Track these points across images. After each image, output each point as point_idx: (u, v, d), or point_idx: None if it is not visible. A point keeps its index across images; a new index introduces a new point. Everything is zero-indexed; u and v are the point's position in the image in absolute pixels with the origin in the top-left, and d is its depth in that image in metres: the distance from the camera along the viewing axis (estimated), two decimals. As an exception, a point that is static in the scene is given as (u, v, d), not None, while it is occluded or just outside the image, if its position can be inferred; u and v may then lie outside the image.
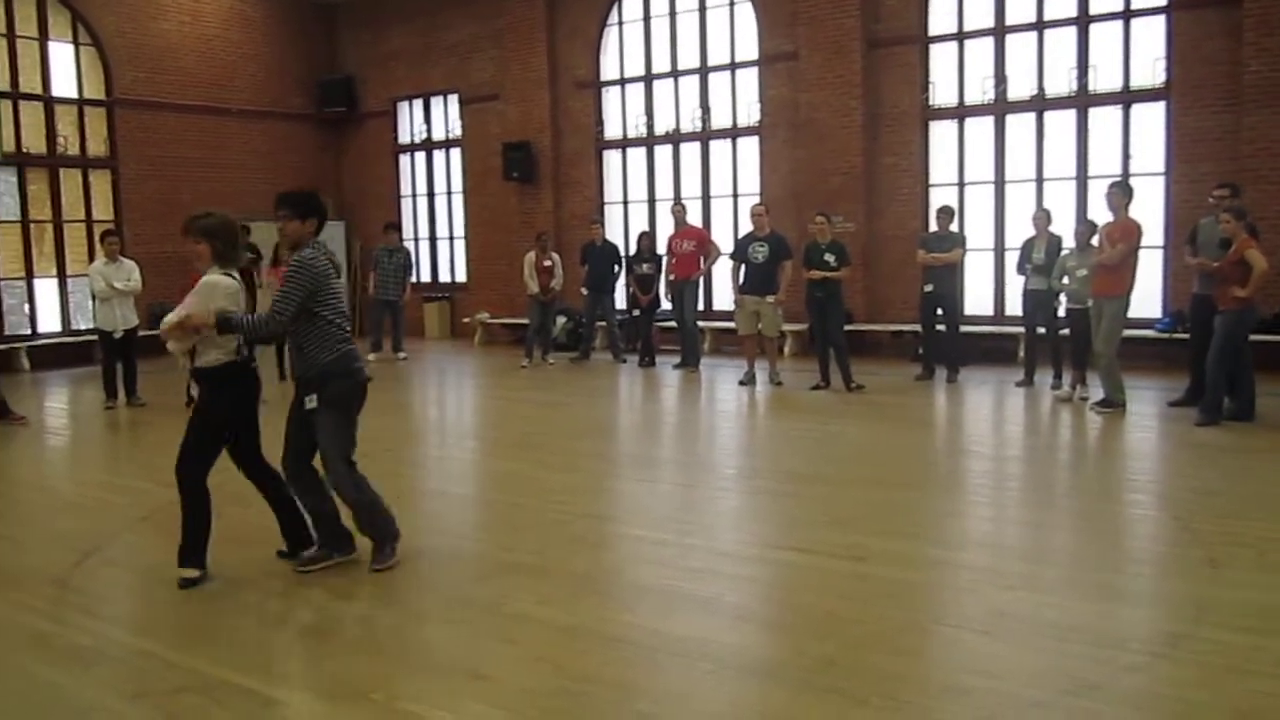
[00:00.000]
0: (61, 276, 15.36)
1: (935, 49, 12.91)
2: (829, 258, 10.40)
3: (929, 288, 10.73)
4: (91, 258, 13.83)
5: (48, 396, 12.21)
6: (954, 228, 10.95)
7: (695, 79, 14.77)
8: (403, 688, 3.72)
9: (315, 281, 4.80)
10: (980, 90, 12.64)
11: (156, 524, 5.96)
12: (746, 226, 11.95)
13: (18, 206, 14.99)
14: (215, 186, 16.62)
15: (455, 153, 17.54)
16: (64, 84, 15.41)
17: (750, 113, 14.25)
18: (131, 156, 15.91)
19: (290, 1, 17.89)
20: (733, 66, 14.39)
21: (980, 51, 12.65)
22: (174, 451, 4.83)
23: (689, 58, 14.79)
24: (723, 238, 13.33)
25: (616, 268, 13.49)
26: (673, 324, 12.89)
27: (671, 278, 12.46)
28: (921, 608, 4.51)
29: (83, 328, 14.91)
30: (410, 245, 18.00)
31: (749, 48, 14.18)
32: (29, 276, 15.10)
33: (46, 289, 15.34)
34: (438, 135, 17.81)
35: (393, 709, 3.56)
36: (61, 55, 15.38)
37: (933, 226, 11.39)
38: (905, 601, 4.53)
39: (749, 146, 14.35)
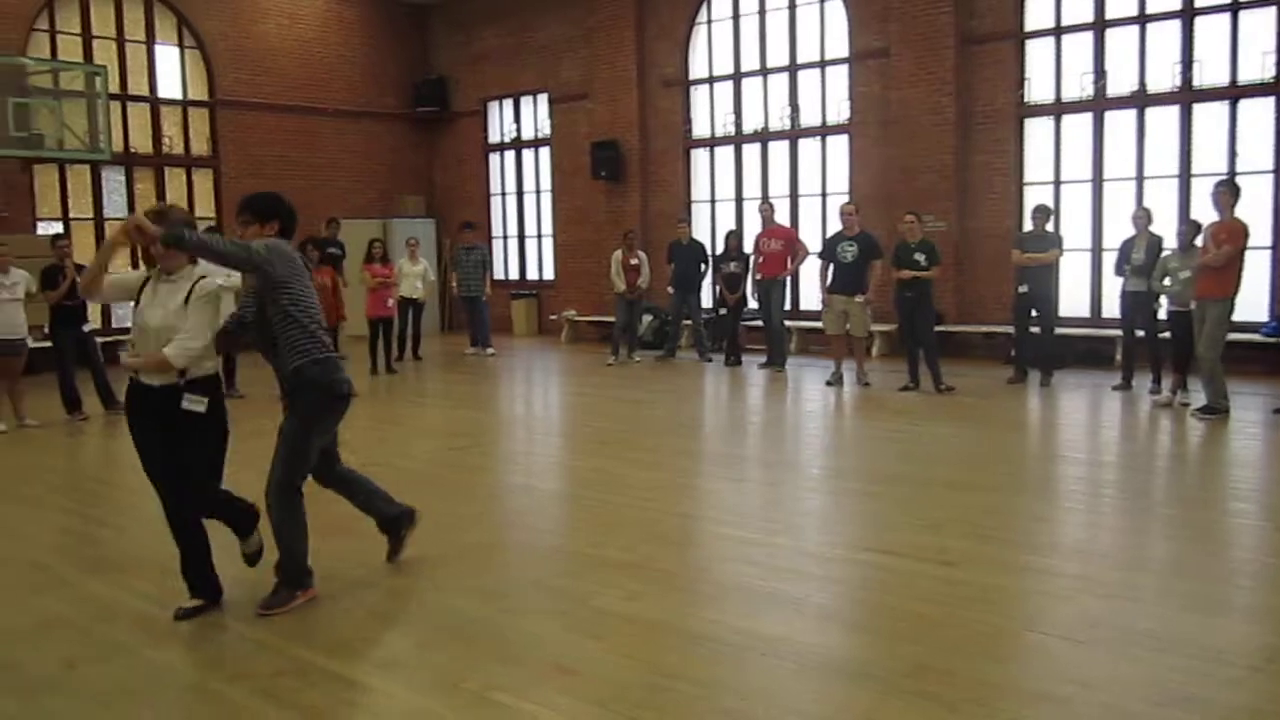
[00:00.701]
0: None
1: (1031, 44, 12.65)
2: (919, 257, 10.26)
3: (1023, 288, 10.51)
4: (194, 254, 14.29)
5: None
6: (1050, 227, 10.72)
7: (784, 77, 14.68)
8: (493, 679, 3.78)
9: (286, 262, 4.46)
10: (1079, 86, 12.34)
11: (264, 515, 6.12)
12: (835, 225, 11.89)
13: (125, 204, 15.57)
14: (311, 184, 17.09)
15: (544, 152, 17.73)
16: (169, 86, 15.96)
17: (840, 110, 14.13)
18: (232, 155, 16.42)
19: (385, 4, 18.27)
20: (822, 64, 14.27)
21: (1079, 46, 12.35)
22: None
23: (778, 55, 14.71)
24: (811, 237, 13.22)
25: (703, 266, 13.50)
26: (759, 323, 12.85)
27: (758, 277, 12.42)
28: (1013, 614, 4.44)
29: (185, 321, 15.39)
30: (499, 243, 18.35)
31: (839, 45, 14.06)
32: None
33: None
34: (527, 134, 18.00)
35: (484, 699, 3.62)
36: (167, 58, 15.94)
37: (1028, 226, 11.17)
38: (996, 607, 4.46)
39: (838, 145, 14.23)
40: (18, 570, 5.35)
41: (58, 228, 14.11)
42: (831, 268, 10.79)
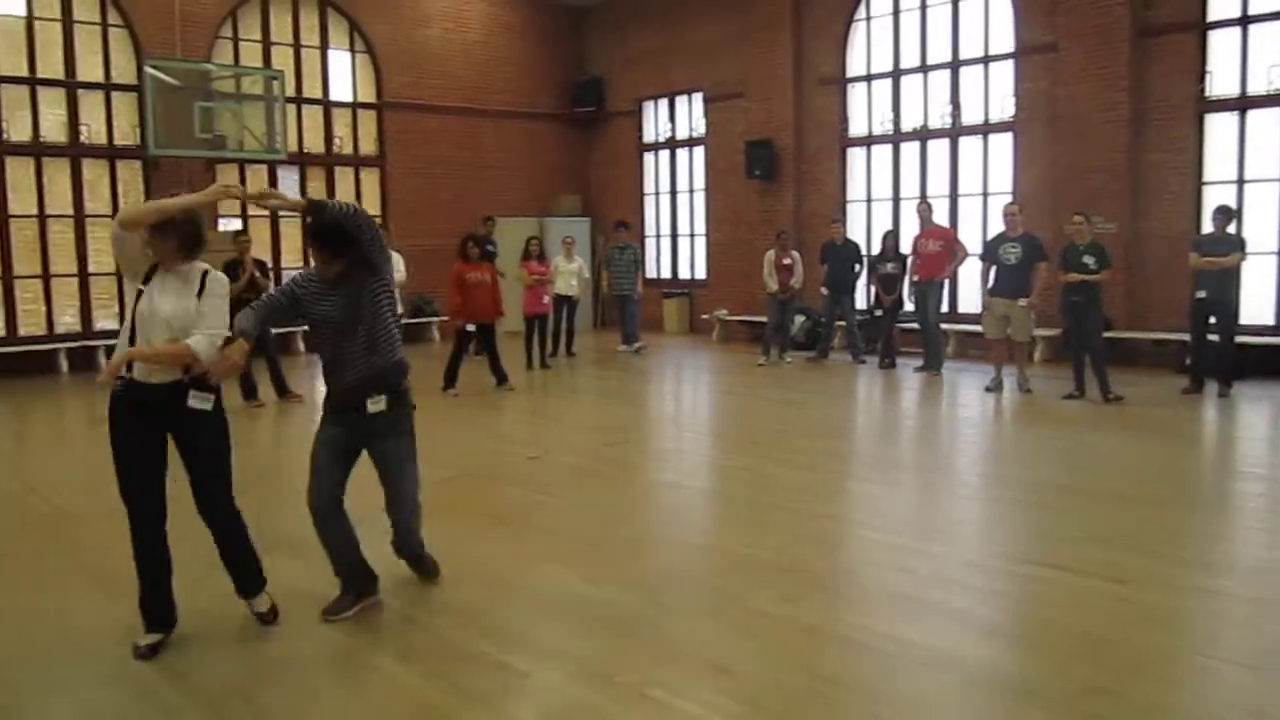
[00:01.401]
0: (334, 267, 16.59)
1: (1214, 35, 11.98)
2: (1088, 260, 9.85)
3: (1201, 294, 9.98)
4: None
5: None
6: (1232, 229, 10.14)
7: (945, 74, 14.32)
8: (649, 674, 3.82)
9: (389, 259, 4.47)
10: (1266, 79, 11.63)
11: (427, 501, 6.31)
12: (995, 226, 11.53)
13: (299, 202, 16.32)
14: (471, 184, 17.63)
15: (698, 151, 17.76)
16: (340, 89, 16.66)
17: (1004, 108, 13.68)
18: (397, 155, 17.03)
19: (545, 6, 18.63)
20: (986, 60, 13.86)
21: (1267, 37, 11.62)
22: (446, 433, 5.09)
23: (940, 52, 14.36)
24: (971, 238, 12.87)
25: (857, 267, 13.31)
26: (915, 325, 12.58)
27: (915, 278, 12.16)
28: (1186, 636, 4.23)
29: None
30: (651, 242, 18.50)
31: (1004, 40, 13.62)
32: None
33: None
34: (681, 134, 18.08)
35: (641, 694, 3.67)
36: (339, 62, 16.63)
37: (1207, 227, 10.60)
38: (1168, 628, 4.26)
39: (1001, 143, 13.78)
40: (212, 548, 5.67)
41: (237, 224, 14.87)
42: (993, 270, 10.48)
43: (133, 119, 14.55)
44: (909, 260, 12.40)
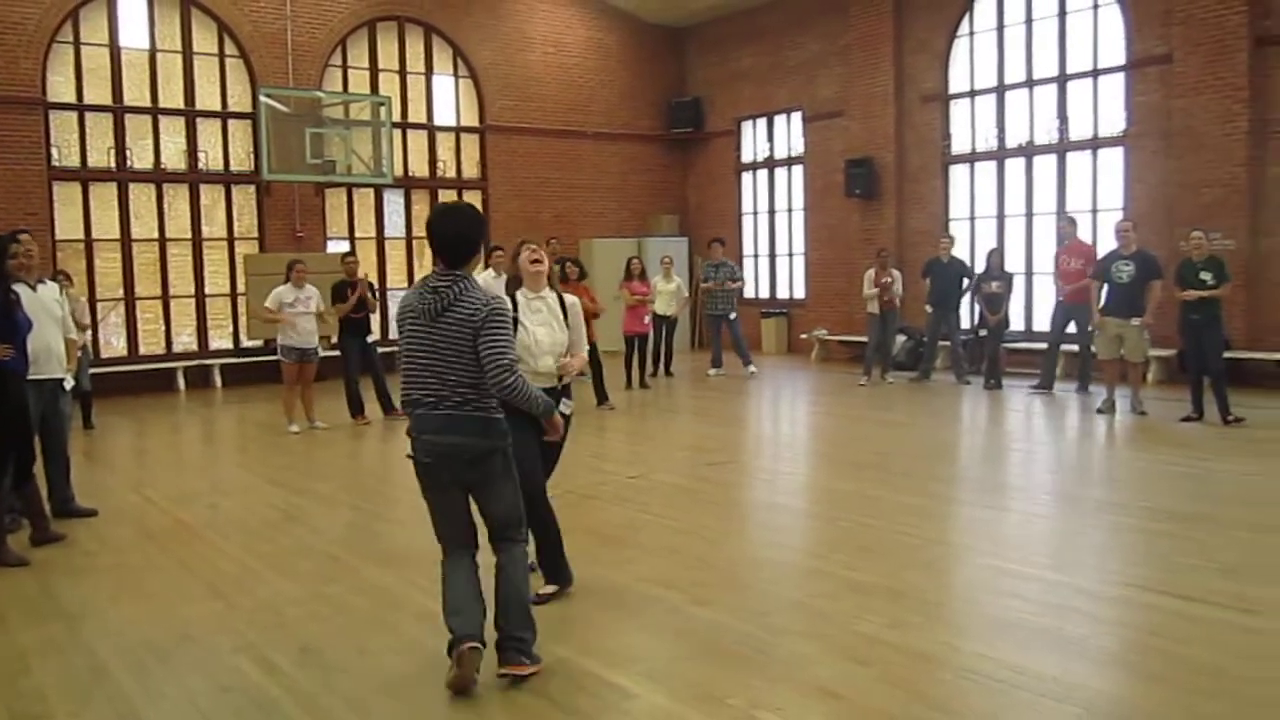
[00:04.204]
0: (437, 288, 16.89)
1: (1341, 44, 11.51)
2: (1205, 276, 9.50)
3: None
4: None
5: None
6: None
7: (1052, 88, 14.01)
8: (757, 697, 3.78)
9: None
10: (1397, 89, 11.13)
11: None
12: (1105, 244, 11.20)
13: (404, 224, 16.71)
14: (571, 204, 17.84)
15: (797, 170, 17.67)
16: (444, 113, 17.02)
17: (1114, 122, 13.31)
18: (499, 178, 17.32)
19: (643, 28, 18.77)
20: (1095, 73, 13.52)
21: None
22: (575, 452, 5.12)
23: (1046, 66, 14.05)
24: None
25: (965, 282, 13.05)
26: (1023, 345, 12.24)
27: (1062, 298, 11.71)
28: (1327, 672, 4.02)
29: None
30: (749, 261, 18.40)
31: (1114, 52, 13.27)
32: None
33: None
34: (780, 153, 18.00)
35: (748, 716, 3.63)
36: (443, 87, 16.99)
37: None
38: (1306, 663, 4.05)
39: (1111, 158, 13.41)
40: (315, 560, 5.82)
41: (345, 245, 15.27)
42: (1105, 288, 10.17)
43: (248, 146, 15.09)
44: (1055, 278, 11.98)
